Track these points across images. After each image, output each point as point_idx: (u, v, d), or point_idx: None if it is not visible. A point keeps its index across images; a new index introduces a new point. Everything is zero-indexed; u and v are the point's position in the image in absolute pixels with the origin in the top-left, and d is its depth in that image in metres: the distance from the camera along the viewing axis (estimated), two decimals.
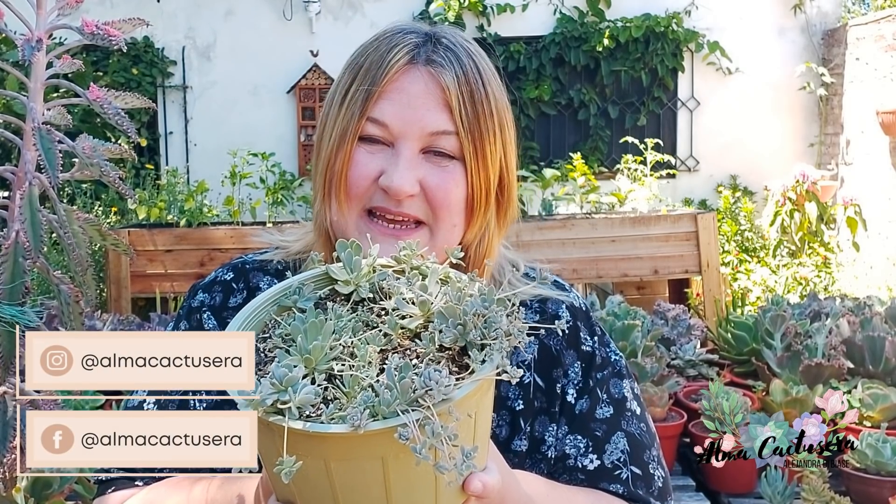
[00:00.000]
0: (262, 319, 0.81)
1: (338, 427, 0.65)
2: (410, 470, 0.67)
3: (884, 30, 6.53)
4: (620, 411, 1.09)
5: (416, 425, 0.63)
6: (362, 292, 0.80)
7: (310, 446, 0.66)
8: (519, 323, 0.72)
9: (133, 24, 0.96)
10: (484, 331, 0.70)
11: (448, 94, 0.98)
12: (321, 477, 0.69)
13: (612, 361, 1.12)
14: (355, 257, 0.82)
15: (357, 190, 0.99)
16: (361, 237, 0.98)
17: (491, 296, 0.73)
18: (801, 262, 6.33)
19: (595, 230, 4.97)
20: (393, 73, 0.98)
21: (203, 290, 1.12)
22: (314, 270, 0.85)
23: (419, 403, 0.64)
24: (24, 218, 0.92)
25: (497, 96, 1.02)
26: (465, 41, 1.03)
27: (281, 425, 0.65)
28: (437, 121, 0.98)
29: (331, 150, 1.00)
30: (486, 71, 1.02)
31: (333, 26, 7.50)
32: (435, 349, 0.71)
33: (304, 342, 0.71)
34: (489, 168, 1.01)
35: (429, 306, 0.74)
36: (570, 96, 7.58)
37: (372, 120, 0.98)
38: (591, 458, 1.06)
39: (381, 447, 0.66)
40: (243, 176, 5.54)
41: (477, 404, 0.72)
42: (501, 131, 1.02)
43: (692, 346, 3.60)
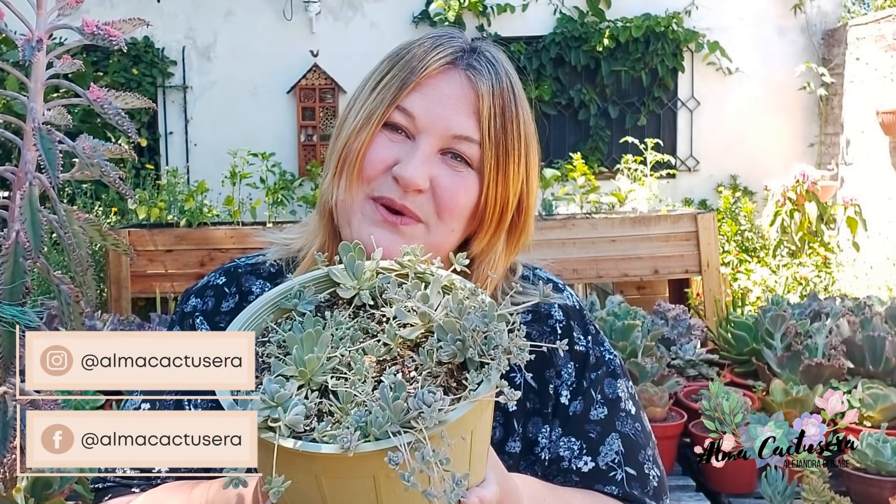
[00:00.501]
0: (260, 324, 0.81)
1: (328, 448, 0.64)
2: (402, 489, 0.67)
3: (884, 30, 6.53)
4: (615, 412, 1.09)
5: (407, 449, 0.63)
6: (364, 297, 0.80)
7: (301, 463, 0.66)
8: (519, 341, 0.71)
9: (133, 24, 0.96)
10: (483, 348, 0.70)
11: (481, 101, 0.99)
12: (313, 492, 0.69)
13: (607, 361, 1.12)
14: (358, 261, 0.81)
15: (370, 172, 0.99)
16: (364, 219, 0.98)
17: (492, 311, 0.72)
18: (801, 262, 6.33)
19: (595, 230, 4.97)
20: (433, 68, 0.99)
21: (195, 295, 1.12)
22: (316, 272, 0.84)
23: (412, 426, 0.64)
24: (24, 218, 0.92)
25: (527, 120, 1.03)
26: (506, 61, 1.05)
27: (272, 442, 0.65)
28: (464, 125, 0.99)
29: (353, 130, 1.00)
30: (520, 94, 1.03)
31: (333, 26, 7.50)
32: (433, 364, 0.71)
33: (300, 353, 0.71)
34: (509, 186, 1.01)
35: (429, 317, 0.73)
36: (570, 96, 7.58)
37: (401, 109, 0.99)
38: (585, 460, 1.05)
39: (372, 467, 0.66)
40: (243, 176, 5.54)
41: (474, 423, 0.71)
42: (527, 155, 1.03)
43: (692, 346, 3.60)
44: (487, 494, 0.74)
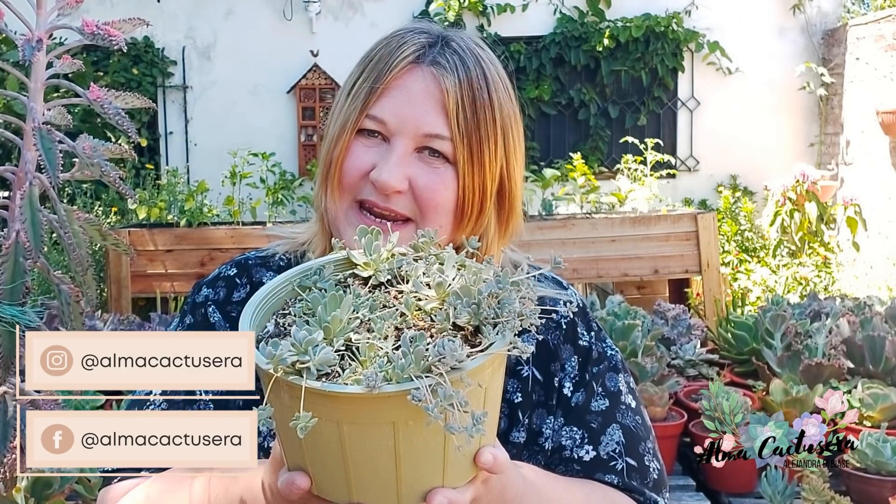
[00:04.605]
0: (282, 297, 0.83)
1: (353, 388, 0.66)
2: (420, 439, 0.70)
3: (884, 30, 6.53)
4: (615, 404, 1.11)
5: (429, 390, 0.65)
6: (380, 276, 0.82)
7: (324, 408, 0.68)
8: (531, 305, 0.74)
9: (133, 24, 0.96)
10: (497, 310, 0.72)
11: (447, 97, 0.99)
12: (333, 441, 0.70)
13: (608, 356, 1.14)
14: (375, 242, 0.83)
15: (349, 180, 1.01)
16: (349, 226, 1.00)
17: (506, 277, 0.75)
18: (801, 262, 6.33)
19: (595, 230, 4.97)
20: (398, 70, 1.00)
21: (207, 286, 1.14)
22: (334, 255, 0.86)
23: (432, 371, 0.67)
24: (24, 218, 0.92)
25: (503, 104, 1.03)
26: (476, 46, 1.04)
27: (298, 385, 0.67)
28: (433, 123, 0.99)
29: (332, 139, 1.03)
30: (493, 78, 1.02)
31: (333, 26, 7.50)
32: (449, 326, 0.73)
33: (324, 313, 0.73)
34: (486, 175, 1.01)
35: (445, 288, 0.76)
36: (570, 96, 7.58)
37: (371, 116, 1.00)
38: (586, 449, 1.07)
39: (393, 411, 0.68)
40: (243, 176, 5.54)
41: (490, 378, 0.73)
42: (504, 139, 1.03)
43: (692, 346, 3.60)
44: (501, 454, 0.76)
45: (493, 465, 0.75)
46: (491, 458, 0.74)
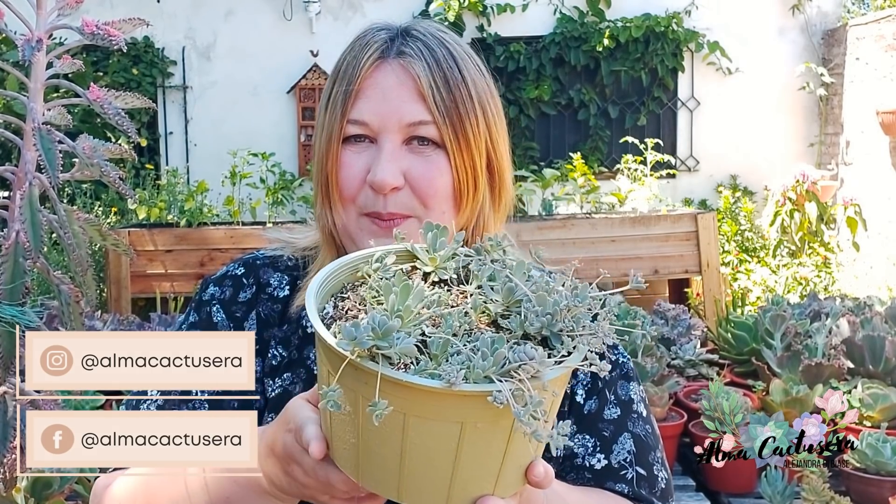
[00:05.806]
0: (341, 280, 0.82)
1: (432, 382, 0.65)
2: (484, 442, 0.68)
3: (884, 30, 6.53)
4: (627, 413, 1.10)
5: (511, 394, 0.64)
6: (442, 274, 0.80)
7: (395, 397, 0.66)
8: (606, 324, 0.73)
9: (133, 24, 0.96)
10: (573, 324, 0.71)
11: (420, 83, 0.99)
12: (395, 432, 0.69)
13: (620, 364, 1.14)
14: (441, 239, 0.82)
15: (349, 191, 1.01)
16: (362, 231, 1.00)
17: (584, 292, 0.74)
18: (801, 262, 6.33)
19: (595, 230, 4.98)
20: (366, 70, 1.00)
21: (214, 284, 1.14)
22: (393, 246, 0.85)
23: (512, 376, 0.65)
24: (24, 218, 0.92)
25: (475, 79, 1.03)
26: (437, 31, 1.05)
27: (374, 371, 0.65)
28: (413, 111, 0.99)
29: (321, 155, 1.03)
30: (460, 56, 1.03)
31: (333, 26, 7.49)
32: (520, 334, 0.72)
33: (397, 301, 0.72)
34: (473, 151, 1.02)
35: (513, 295, 0.74)
36: (570, 96, 7.58)
37: (352, 121, 1.00)
38: (598, 457, 1.07)
39: (464, 410, 0.67)
40: (243, 176, 5.54)
41: (561, 389, 0.72)
42: (484, 113, 1.03)
43: (692, 346, 3.60)
44: (550, 469, 0.76)
45: (543, 480, 0.74)
46: (543, 471, 0.74)
